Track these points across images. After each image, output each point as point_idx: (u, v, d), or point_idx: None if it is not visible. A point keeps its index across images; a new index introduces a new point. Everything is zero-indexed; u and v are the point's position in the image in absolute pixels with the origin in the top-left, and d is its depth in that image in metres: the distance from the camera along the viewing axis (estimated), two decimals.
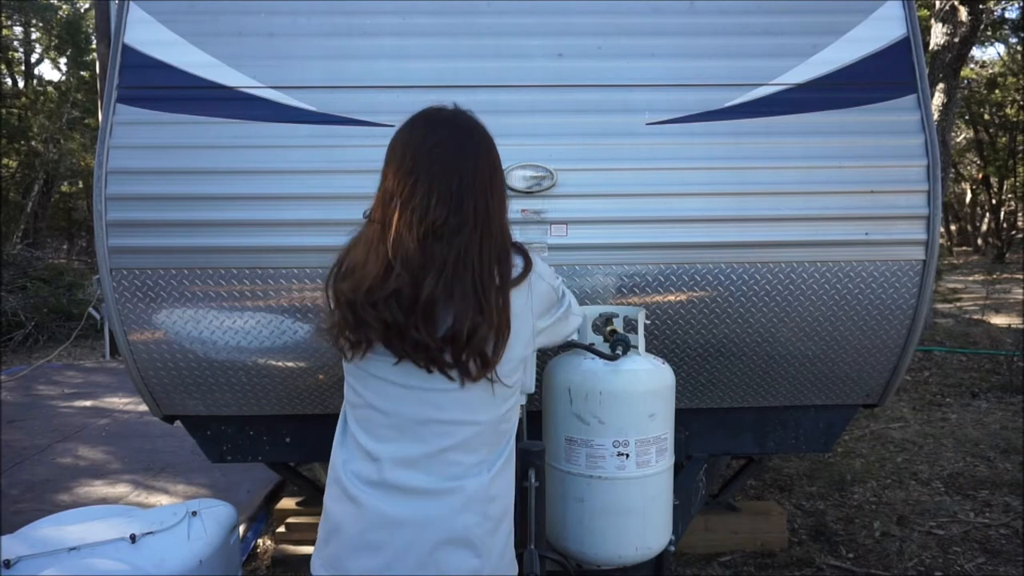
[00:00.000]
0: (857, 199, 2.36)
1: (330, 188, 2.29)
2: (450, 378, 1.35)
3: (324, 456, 1.62)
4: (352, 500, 1.39)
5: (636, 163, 2.34)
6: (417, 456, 1.38)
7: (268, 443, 2.70)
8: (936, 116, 7.47)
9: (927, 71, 2.51)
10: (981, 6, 7.96)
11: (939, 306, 10.73)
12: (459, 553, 1.36)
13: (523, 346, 1.44)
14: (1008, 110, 18.67)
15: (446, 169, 1.34)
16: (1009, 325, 9.31)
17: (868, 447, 4.83)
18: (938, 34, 7.88)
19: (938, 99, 7.85)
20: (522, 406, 2.04)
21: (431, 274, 1.30)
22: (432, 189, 1.32)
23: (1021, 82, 17.37)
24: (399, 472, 1.37)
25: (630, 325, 2.19)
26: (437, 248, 1.31)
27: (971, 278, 15.44)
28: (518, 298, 1.39)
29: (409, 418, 1.38)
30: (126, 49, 2.34)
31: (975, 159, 21.93)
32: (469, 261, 1.31)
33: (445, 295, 1.30)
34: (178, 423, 2.66)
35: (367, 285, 1.31)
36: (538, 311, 1.46)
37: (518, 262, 1.41)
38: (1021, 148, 19.07)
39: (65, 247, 17.14)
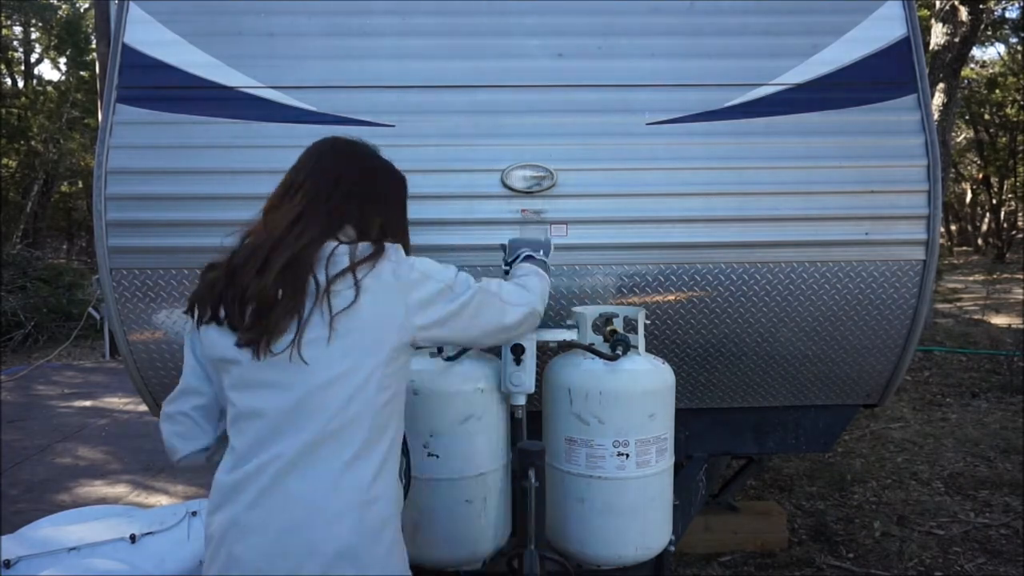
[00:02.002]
0: (857, 199, 2.36)
1: None
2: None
3: None
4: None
5: (636, 163, 2.34)
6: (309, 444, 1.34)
7: None
8: (936, 116, 7.46)
9: (927, 71, 2.51)
10: (981, 6, 7.96)
11: (939, 306, 10.72)
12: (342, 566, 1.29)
13: (387, 329, 1.36)
14: (1008, 110, 18.66)
15: (299, 168, 1.51)
16: (1009, 325, 9.31)
17: (868, 447, 4.82)
18: (938, 34, 7.88)
19: (938, 99, 7.85)
20: (522, 406, 2.05)
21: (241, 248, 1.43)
22: (285, 180, 1.49)
23: (1021, 82, 17.37)
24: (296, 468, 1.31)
25: (630, 325, 2.19)
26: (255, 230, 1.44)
27: (971, 278, 15.44)
28: (374, 280, 1.35)
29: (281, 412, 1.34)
30: (126, 49, 2.34)
31: (975, 159, 21.93)
32: (273, 235, 1.39)
33: (247, 263, 1.39)
34: None
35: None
36: (414, 302, 1.38)
37: (371, 247, 1.40)
38: (1021, 148, 19.06)
39: (65, 247, 17.16)
